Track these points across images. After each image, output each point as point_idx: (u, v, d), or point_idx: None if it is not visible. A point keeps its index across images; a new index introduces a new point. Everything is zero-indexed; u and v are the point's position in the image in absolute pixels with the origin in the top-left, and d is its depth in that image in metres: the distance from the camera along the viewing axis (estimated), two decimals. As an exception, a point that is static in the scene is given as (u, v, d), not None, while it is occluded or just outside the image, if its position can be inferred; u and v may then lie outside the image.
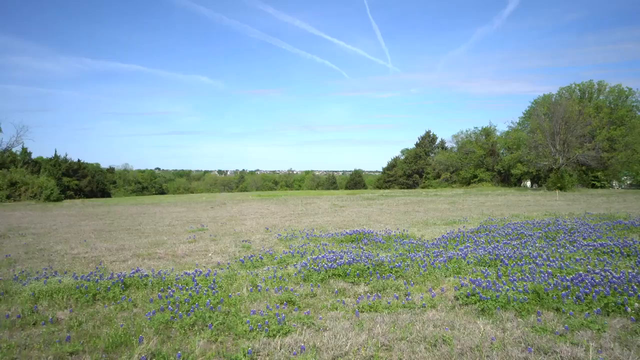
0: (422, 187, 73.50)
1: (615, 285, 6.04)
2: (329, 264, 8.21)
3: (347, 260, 8.39)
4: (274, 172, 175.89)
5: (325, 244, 11.48)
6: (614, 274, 6.60)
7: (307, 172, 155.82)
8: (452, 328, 5.21)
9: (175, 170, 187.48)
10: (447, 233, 12.90)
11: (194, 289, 6.65)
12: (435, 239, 12.00)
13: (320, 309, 6.16)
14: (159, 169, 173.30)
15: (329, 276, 7.76)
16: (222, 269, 8.77)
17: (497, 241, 10.97)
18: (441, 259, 8.63)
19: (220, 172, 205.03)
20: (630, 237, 11.05)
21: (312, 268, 7.99)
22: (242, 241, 12.65)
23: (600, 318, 5.37)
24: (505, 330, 5.14)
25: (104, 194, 66.87)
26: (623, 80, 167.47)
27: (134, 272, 7.67)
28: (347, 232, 13.21)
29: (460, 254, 8.96)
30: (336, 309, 6.13)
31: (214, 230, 15.89)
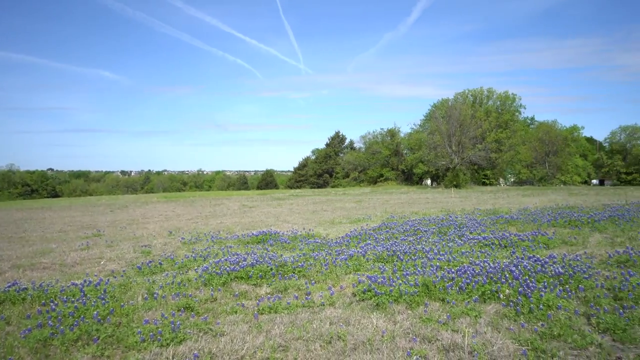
0: (332, 187, 75.31)
1: (492, 275, 6.70)
2: (232, 266, 8.10)
3: (250, 262, 8.34)
4: (182, 172, 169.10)
5: (231, 247, 11.30)
6: (491, 264, 7.31)
7: (217, 173, 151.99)
8: (348, 324, 5.41)
9: (72, 171, 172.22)
10: (351, 231, 13.36)
11: (81, 300, 6.16)
12: (339, 237, 12.37)
13: (220, 313, 6.05)
14: (52, 169, 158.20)
15: (231, 279, 7.65)
16: (116, 277, 8.24)
17: (396, 238, 11.60)
18: (343, 257, 8.91)
19: (123, 172, 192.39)
20: (508, 230, 12.32)
21: (214, 272, 7.83)
22: (142, 246, 12.00)
23: (478, 305, 5.91)
24: (396, 322, 5.45)
25: (-17, 198, 59.48)
26: (509, 87, 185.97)
27: (9, 286, 6.92)
28: (253, 234, 13.12)
29: (361, 252, 9.34)
30: (236, 312, 6.06)
31: (111, 235, 14.88)
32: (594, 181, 74.42)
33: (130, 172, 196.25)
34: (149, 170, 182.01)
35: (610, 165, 73.96)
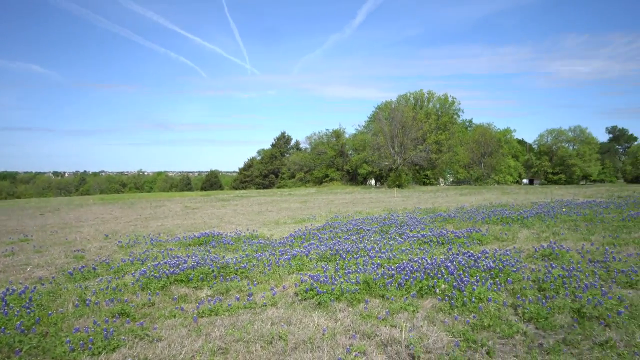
0: (278, 187, 75.06)
1: (429, 271, 6.96)
2: (172, 269, 7.86)
3: (191, 265, 8.13)
4: (121, 173, 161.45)
5: (171, 249, 10.96)
6: (429, 260, 7.60)
7: (159, 174, 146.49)
8: (289, 324, 5.42)
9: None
10: (295, 231, 13.38)
11: (2, 310, 5.73)
12: (284, 237, 12.35)
13: (158, 318, 5.86)
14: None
15: (170, 282, 7.42)
16: (44, 284, 7.74)
17: (339, 237, 11.75)
18: (286, 257, 8.91)
19: (55, 173, 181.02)
20: (446, 227, 12.85)
21: (153, 275, 7.56)
22: (75, 251, 11.35)
23: (416, 300, 6.12)
24: (337, 320, 5.53)
25: None
26: (448, 90, 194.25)
27: None
28: (195, 236, 12.80)
29: (304, 251, 9.38)
30: (175, 316, 5.88)
31: (40, 240, 13.95)
32: (524, 180, 79.34)
33: (64, 173, 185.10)
34: (85, 171, 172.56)
35: (538, 165, 79.19)
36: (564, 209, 16.24)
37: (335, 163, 73.99)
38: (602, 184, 69.27)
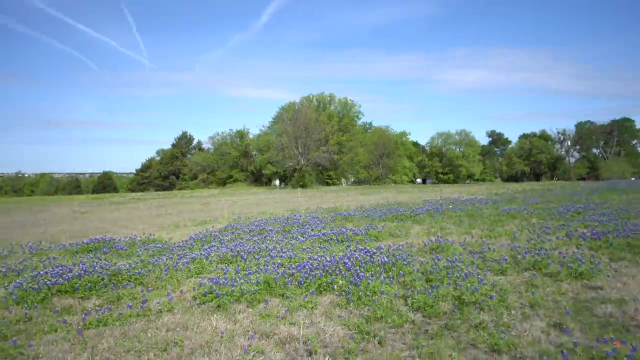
0: (179, 189, 72.07)
1: (328, 268, 7.17)
2: (54, 279, 7.16)
3: (77, 273, 7.48)
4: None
5: (55, 257, 9.99)
6: (328, 258, 7.83)
7: (42, 175, 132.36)
8: (186, 329, 5.25)
9: None
10: (195, 234, 12.97)
11: None
12: (183, 240, 11.91)
13: (35, 333, 5.30)
14: None
15: (52, 294, 6.77)
16: None
17: (241, 238, 11.63)
18: (185, 260, 8.59)
19: None
20: (346, 225, 13.35)
21: (30, 287, 6.82)
22: None
23: (315, 297, 6.28)
24: (236, 322, 5.47)
25: None
26: (350, 93, 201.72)
27: None
28: (84, 242, 11.82)
29: (204, 254, 9.13)
30: (56, 330, 5.38)
31: None
32: (418, 180, 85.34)
33: None
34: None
35: (430, 166, 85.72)
36: (450, 206, 17.76)
37: (240, 164, 73.06)
38: (483, 183, 77.01)
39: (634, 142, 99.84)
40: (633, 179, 77.03)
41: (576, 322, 5.02)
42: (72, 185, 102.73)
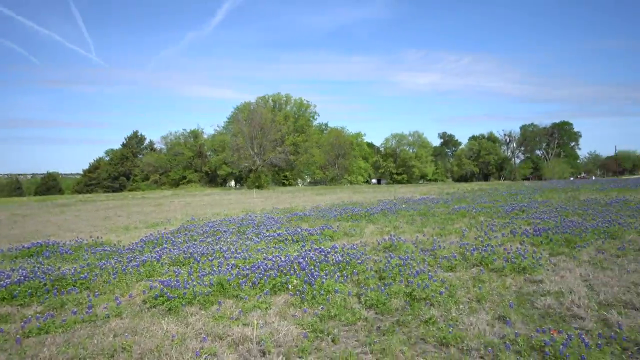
0: (130, 190, 69.59)
1: (282, 268, 7.17)
2: (-10, 287, 6.74)
3: (16, 279, 7.09)
4: None
5: (-9, 263, 9.39)
6: (283, 258, 7.83)
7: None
8: (135, 333, 5.08)
9: None
10: (147, 236, 12.57)
11: None
12: (133, 243, 11.51)
13: (-31, 345, 4.97)
14: None
15: (-12, 302, 6.36)
16: None
17: (195, 240, 11.39)
18: (134, 263, 8.32)
19: None
20: (301, 226, 13.37)
21: (-37, 296, 6.39)
22: None
23: (269, 298, 6.25)
24: (188, 325, 5.35)
25: None
26: (307, 94, 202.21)
27: None
28: (24, 246, 11.18)
29: (156, 256, 8.88)
30: (-8, 340, 5.06)
31: None
32: (373, 180, 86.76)
33: None
34: None
35: (385, 166, 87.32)
36: (403, 205, 18.19)
37: (194, 164, 71.51)
38: (435, 183, 79.36)
39: (572, 144, 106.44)
40: (572, 178, 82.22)
41: (518, 315, 5.29)
42: (12, 187, 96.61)
